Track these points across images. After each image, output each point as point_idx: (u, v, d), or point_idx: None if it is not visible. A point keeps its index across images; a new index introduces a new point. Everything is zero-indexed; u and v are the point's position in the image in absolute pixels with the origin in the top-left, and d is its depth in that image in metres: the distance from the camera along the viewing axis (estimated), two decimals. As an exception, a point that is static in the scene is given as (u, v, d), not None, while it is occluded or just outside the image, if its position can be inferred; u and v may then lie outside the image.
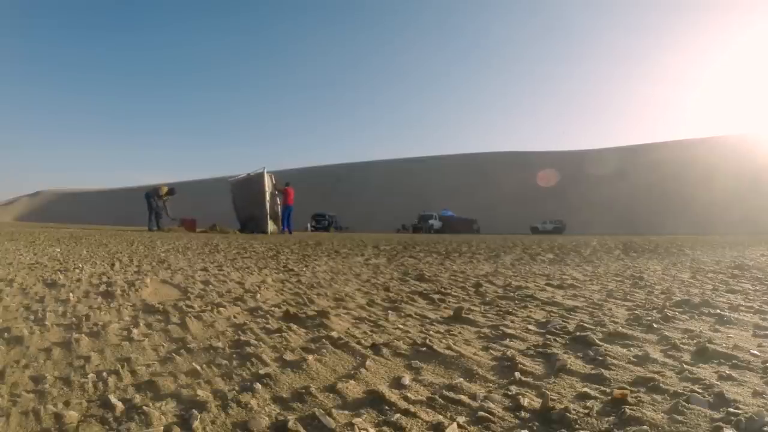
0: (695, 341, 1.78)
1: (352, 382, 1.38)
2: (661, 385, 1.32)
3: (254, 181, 14.99)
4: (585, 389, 1.31)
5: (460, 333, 1.98)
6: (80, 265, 4.10)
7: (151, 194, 14.87)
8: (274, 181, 15.39)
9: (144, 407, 1.18)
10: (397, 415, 1.15)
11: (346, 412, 1.19)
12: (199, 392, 1.28)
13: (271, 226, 14.62)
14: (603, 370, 1.46)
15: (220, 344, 1.75)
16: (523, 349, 1.72)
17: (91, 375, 1.43)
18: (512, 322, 2.19)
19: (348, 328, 2.06)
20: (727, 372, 1.43)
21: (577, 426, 1.09)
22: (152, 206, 14.62)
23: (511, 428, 1.10)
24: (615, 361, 1.55)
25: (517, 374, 1.44)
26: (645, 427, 1.07)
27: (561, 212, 47.10)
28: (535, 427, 1.10)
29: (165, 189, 15.47)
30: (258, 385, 1.33)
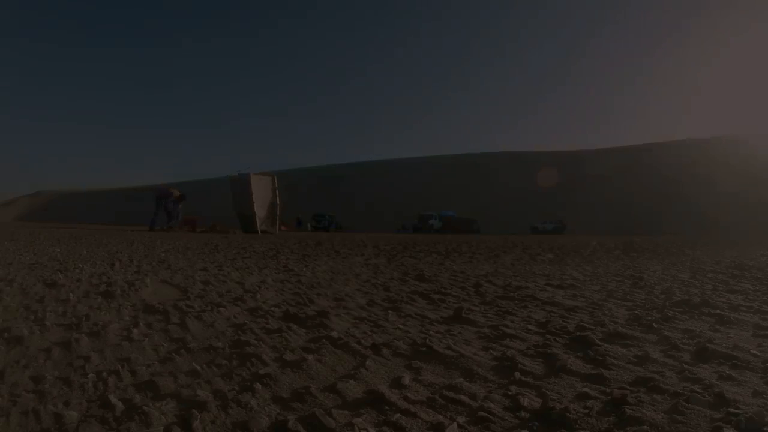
0: (695, 341, 1.78)
1: (352, 382, 1.38)
2: (661, 385, 1.32)
3: (245, 182, 14.94)
4: (585, 389, 1.31)
5: (460, 333, 1.98)
6: (80, 265, 4.10)
7: (163, 197, 14.93)
8: (275, 185, 15.34)
9: (144, 407, 1.18)
10: (397, 415, 1.15)
11: (346, 412, 1.18)
12: (199, 392, 1.28)
13: (262, 226, 14.56)
14: (603, 370, 1.46)
15: (220, 344, 1.75)
16: (523, 349, 1.72)
17: (91, 375, 1.43)
18: (512, 322, 2.19)
19: (348, 328, 2.05)
20: (727, 372, 1.43)
21: (577, 426, 1.09)
22: (166, 208, 14.69)
23: (511, 428, 1.10)
24: (615, 361, 1.55)
25: (517, 374, 1.44)
26: (645, 427, 1.07)
27: (561, 212, 47.07)
28: (535, 427, 1.10)
29: (177, 193, 15.55)
30: (258, 385, 1.33)
